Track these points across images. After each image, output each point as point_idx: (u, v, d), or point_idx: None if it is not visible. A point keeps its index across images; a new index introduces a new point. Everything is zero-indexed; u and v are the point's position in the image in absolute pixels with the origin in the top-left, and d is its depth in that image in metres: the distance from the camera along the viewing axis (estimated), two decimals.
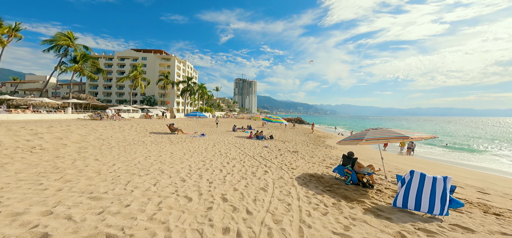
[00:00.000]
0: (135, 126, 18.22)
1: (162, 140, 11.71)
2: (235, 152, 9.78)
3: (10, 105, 27.29)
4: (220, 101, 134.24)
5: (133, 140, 10.72)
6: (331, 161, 9.79)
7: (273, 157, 9.29)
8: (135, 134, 13.14)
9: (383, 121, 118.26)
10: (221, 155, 8.59)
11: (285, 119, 39.48)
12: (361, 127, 65.25)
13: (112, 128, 13.75)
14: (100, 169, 5.46)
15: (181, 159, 7.20)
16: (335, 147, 16.68)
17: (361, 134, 5.90)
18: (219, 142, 13.21)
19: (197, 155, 8.10)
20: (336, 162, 9.45)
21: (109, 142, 9.20)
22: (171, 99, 67.26)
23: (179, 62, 71.13)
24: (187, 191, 4.31)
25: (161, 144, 10.35)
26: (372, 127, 6.50)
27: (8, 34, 32.38)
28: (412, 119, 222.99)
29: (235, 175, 5.79)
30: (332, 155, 11.95)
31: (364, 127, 62.53)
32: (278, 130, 27.76)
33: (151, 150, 8.49)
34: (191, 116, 18.37)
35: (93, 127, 11.80)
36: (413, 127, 71.78)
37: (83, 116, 23.25)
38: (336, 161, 9.72)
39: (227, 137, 16.32)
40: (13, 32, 32.50)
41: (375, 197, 4.81)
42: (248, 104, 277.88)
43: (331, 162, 9.52)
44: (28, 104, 27.14)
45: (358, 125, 74.65)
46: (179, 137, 14.17)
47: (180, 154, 8.10)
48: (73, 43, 35.49)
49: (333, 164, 9.03)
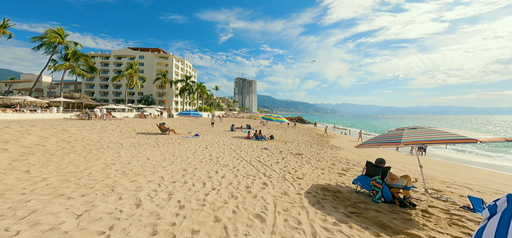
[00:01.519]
0: (123, 126, 16.70)
1: (146, 142, 10.18)
2: (229, 155, 8.24)
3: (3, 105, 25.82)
4: (220, 100, 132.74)
5: (110, 142, 9.19)
6: (342, 165, 8.25)
7: (274, 162, 7.76)
8: (117, 135, 11.61)
9: (386, 120, 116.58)
10: (211, 160, 7.06)
11: (286, 118, 37.87)
12: (367, 126, 63.70)
13: (93, 129, 12.23)
14: (12, 186, 3.86)
15: (155, 168, 5.65)
16: (341, 148, 15.12)
17: (393, 135, 4.35)
18: (213, 143, 11.69)
19: (180, 161, 6.56)
20: (348, 167, 7.92)
21: (74, 146, 7.65)
22: (169, 99, 65.72)
23: (177, 61, 69.60)
24: (131, 228, 2.70)
25: (142, 146, 8.82)
26: (407, 126, 4.95)
27: None
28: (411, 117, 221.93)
29: (223, 192, 4.24)
30: (341, 157, 10.42)
31: (368, 126, 60.85)
32: (279, 130, 26.22)
33: (123, 154, 6.95)
34: (184, 115, 16.83)
35: (66, 128, 10.25)
36: None
37: (69, 116, 21.76)
38: (348, 166, 8.19)
39: (224, 138, 14.80)
40: (1, 29, 31.01)
41: (428, 225, 3.27)
42: (248, 103, 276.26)
43: (342, 166, 7.98)
44: (15, 104, 25.68)
45: (366, 124, 72.88)
46: (169, 138, 12.64)
47: (158, 159, 6.58)
48: (64, 40, 33.96)
49: (345, 169, 7.49)
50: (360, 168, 7.96)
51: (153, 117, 34.70)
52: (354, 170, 7.56)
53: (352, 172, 7.19)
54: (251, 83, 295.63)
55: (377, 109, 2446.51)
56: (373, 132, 39.22)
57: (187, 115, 16.31)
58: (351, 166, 8.34)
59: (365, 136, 25.12)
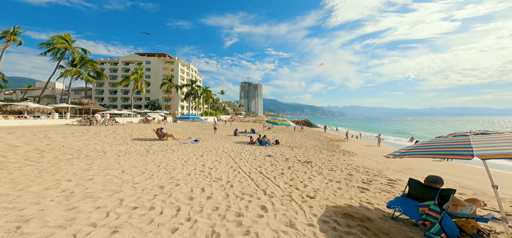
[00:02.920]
0: (120, 131, 15.97)
1: (135, 150, 9.17)
2: (225, 165, 7.02)
3: (7, 111, 26.16)
4: (225, 105, 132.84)
5: (93, 150, 8.23)
6: (361, 175, 6.82)
7: (278, 173, 6.46)
8: (108, 142, 10.72)
9: (398, 122, 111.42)
10: (201, 172, 5.87)
11: (293, 121, 36.24)
12: (383, 129, 60.77)
13: (84, 135, 11.44)
14: None
15: (122, 185, 4.40)
16: (354, 153, 13.54)
17: (452, 143, 2.93)
18: (212, 150, 10.54)
19: (163, 174, 5.40)
20: (369, 178, 6.48)
21: (44, 156, 6.49)
22: (175, 103, 65.90)
23: (183, 65, 70.06)
24: None
25: (126, 155, 7.77)
26: (473, 131, 3.54)
27: (7, 38, 31.77)
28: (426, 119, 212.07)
29: (201, 225, 2.98)
30: (356, 165, 8.95)
31: (385, 129, 57.82)
32: (285, 133, 24.81)
33: (96, 166, 5.76)
34: (184, 119, 15.87)
35: (49, 135, 9.36)
36: (426, 127, 66.08)
37: (71, 121, 21.48)
38: (368, 176, 6.74)
39: (225, 143, 13.65)
40: (12, 36, 31.88)
41: None
42: (254, 107, 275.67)
43: (362, 177, 6.56)
44: (23, 110, 25.92)
45: (380, 127, 69.49)
46: (165, 145, 11.64)
47: (136, 172, 5.44)
48: (70, 46, 34.47)
49: (367, 182, 6.08)
50: (384, 179, 6.50)
51: (157, 122, 34.26)
52: (377, 182, 6.12)
53: (376, 185, 5.77)
54: (257, 87, 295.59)
55: (387, 112, 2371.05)
56: (392, 135, 36.35)
57: (187, 119, 15.33)
58: (372, 176, 6.89)
59: (387, 140, 23.05)
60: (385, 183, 6.12)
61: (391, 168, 9.01)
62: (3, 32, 31.37)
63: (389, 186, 5.82)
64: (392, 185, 5.85)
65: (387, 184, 5.98)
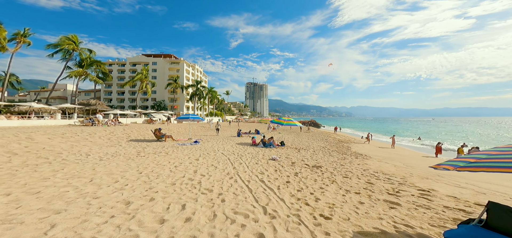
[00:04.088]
0: (119, 132, 15.40)
1: (124, 153, 8.36)
2: (221, 172, 6.04)
3: (12, 111, 26.53)
4: (231, 105, 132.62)
5: (77, 152, 7.45)
6: (383, 183, 5.66)
7: (282, 181, 5.42)
8: (99, 143, 10.03)
9: (412, 123, 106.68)
10: (190, 181, 4.92)
11: (299, 122, 34.87)
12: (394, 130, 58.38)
13: (77, 135, 10.84)
14: None
15: (73, 201, 3.31)
16: (368, 155, 12.22)
17: None
18: (210, 152, 9.62)
19: (140, 184, 4.39)
20: (394, 187, 5.31)
21: (12, 159, 5.76)
22: (181, 104, 65.97)
23: (188, 66, 70.14)
24: None
25: (110, 159, 6.93)
26: None
27: (18, 40, 32.42)
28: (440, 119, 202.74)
29: None
30: (374, 169, 7.75)
31: (393, 129, 55.37)
32: (291, 134, 23.62)
33: (63, 174, 4.74)
34: (184, 119, 15.10)
35: (32, 136, 8.70)
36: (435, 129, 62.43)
37: (73, 122, 21.30)
38: (392, 184, 5.57)
39: (226, 144, 12.71)
40: (22, 38, 32.50)
41: None
42: (259, 108, 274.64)
43: (385, 186, 5.41)
44: (30, 111, 26.17)
45: (393, 128, 66.48)
46: (161, 146, 10.84)
47: (109, 181, 4.45)
48: (78, 47, 34.84)
49: (392, 192, 4.93)
50: (413, 189, 5.31)
51: (161, 122, 33.94)
52: (406, 193, 4.96)
53: (407, 198, 4.63)
54: (262, 87, 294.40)
55: (397, 112, 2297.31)
56: (409, 136, 33.74)
57: (187, 119, 14.54)
58: (398, 185, 5.71)
59: (403, 142, 21.12)
60: (417, 194, 4.94)
61: (415, 174, 7.73)
62: (13, 34, 32.02)
63: (424, 198, 4.64)
64: (428, 198, 4.67)
65: (420, 196, 4.80)
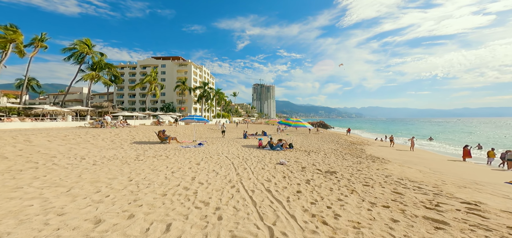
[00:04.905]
0: (125, 134, 15.26)
1: (124, 155, 7.93)
2: (222, 179, 5.37)
3: (27, 113, 27.62)
4: (238, 107, 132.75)
5: (72, 156, 7.08)
6: (414, 193, 4.76)
7: (292, 191, 4.66)
8: (100, 146, 9.73)
9: (430, 124, 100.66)
10: (185, 191, 4.29)
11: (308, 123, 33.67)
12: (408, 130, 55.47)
13: (79, 137, 10.65)
14: None
15: (26, 221, 2.77)
16: (386, 159, 11.09)
17: None
18: (213, 155, 9.01)
19: (126, 194, 3.77)
20: (429, 199, 4.41)
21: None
22: (189, 106, 66.61)
23: (196, 68, 70.83)
24: None
25: (108, 162, 6.49)
26: None
27: (35, 45, 33.85)
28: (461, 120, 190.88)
29: None
30: (397, 176, 6.79)
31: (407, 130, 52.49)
32: (299, 136, 22.63)
33: (49, 178, 4.35)
34: (188, 120, 14.66)
35: (30, 139, 8.57)
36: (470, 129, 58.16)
37: (84, 124, 21.65)
38: (425, 194, 4.67)
39: (231, 147, 12.08)
40: (39, 43, 33.91)
41: None
42: (266, 109, 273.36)
43: (418, 197, 4.50)
44: (45, 113, 27.09)
45: (411, 129, 62.90)
46: (163, 149, 10.39)
47: (89, 190, 3.89)
48: (91, 50, 35.91)
49: (430, 206, 4.06)
50: (455, 201, 4.40)
51: (169, 124, 34.12)
52: (447, 206, 4.04)
53: (452, 214, 3.72)
54: (269, 89, 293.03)
55: (411, 113, 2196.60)
56: (432, 140, 30.85)
57: (191, 120, 14.09)
58: (433, 195, 4.78)
59: (422, 144, 19.39)
60: (463, 208, 3.99)
61: (448, 181, 6.67)
62: (32, 39, 33.44)
63: (475, 215, 3.70)
64: (480, 214, 3.71)
65: (468, 211, 3.86)
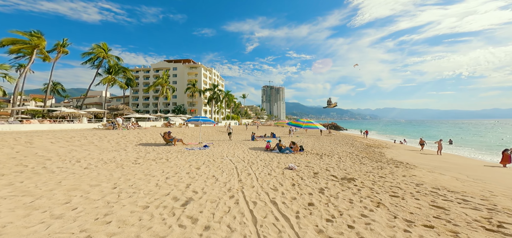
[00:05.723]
0: (132, 136, 15.22)
1: (124, 158, 7.54)
2: (221, 186, 4.67)
3: (47, 116, 29.18)
4: (247, 109, 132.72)
5: (68, 159, 6.73)
6: (461, 208, 3.77)
7: (303, 203, 3.83)
8: (106, 147, 9.52)
9: (460, 126, 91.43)
10: (174, 202, 3.63)
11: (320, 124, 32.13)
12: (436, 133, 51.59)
13: (86, 139, 10.56)
14: None
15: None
16: (412, 164, 9.76)
17: None
18: (217, 158, 8.38)
19: (92, 210, 3.12)
20: (481, 215, 3.32)
21: None
22: (199, 108, 67.50)
23: (206, 70, 71.74)
24: None
25: (103, 165, 6.03)
26: None
27: (58, 50, 35.85)
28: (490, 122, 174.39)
29: None
30: (431, 184, 5.71)
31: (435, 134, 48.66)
32: (310, 138, 21.45)
33: (19, 187, 3.93)
34: (193, 122, 14.26)
35: (30, 140, 8.38)
36: None
37: (97, 125, 22.29)
38: (477, 210, 3.58)
39: (237, 150, 11.41)
40: (61, 48, 35.91)
41: None
42: (276, 111, 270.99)
43: (470, 214, 3.45)
44: (65, 115, 28.45)
45: (439, 132, 56.17)
46: (166, 151, 9.98)
47: (59, 200, 3.32)
48: (107, 55, 37.42)
49: (492, 227, 2.97)
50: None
51: (179, 126, 34.46)
52: None
53: None
54: (279, 90, 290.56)
55: (433, 114, 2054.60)
56: (465, 143, 26.37)
57: (196, 121, 13.67)
58: (485, 211, 3.72)
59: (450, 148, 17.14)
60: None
61: (497, 191, 5.43)
62: (54, 45, 35.46)
63: None
64: None
65: None
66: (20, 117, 25.10)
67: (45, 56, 31.36)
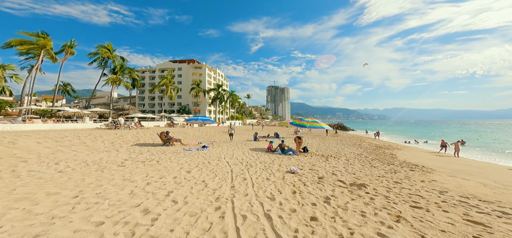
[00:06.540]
0: (130, 136, 14.86)
1: (111, 160, 7.04)
2: (209, 196, 4.02)
3: (54, 116, 29.59)
4: (252, 109, 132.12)
5: (48, 161, 6.25)
6: (502, 223, 2.85)
7: (303, 218, 3.12)
8: (98, 147, 9.11)
9: (478, 127, 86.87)
10: (144, 215, 3.01)
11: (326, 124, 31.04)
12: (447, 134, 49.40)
13: (78, 139, 10.20)
14: None
15: None
16: (428, 167, 8.79)
17: None
18: (213, 160, 7.77)
19: (19, 230, 2.63)
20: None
21: None
22: (203, 108, 67.48)
23: (210, 70, 71.69)
24: None
25: (81, 169, 5.57)
26: None
27: (65, 51, 36.43)
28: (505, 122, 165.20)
29: None
30: (457, 191, 4.85)
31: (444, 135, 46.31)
32: (315, 139, 20.53)
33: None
34: (192, 121, 13.74)
35: (13, 140, 8.04)
36: None
37: (99, 125, 22.23)
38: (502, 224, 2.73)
39: (237, 151, 10.77)
40: (69, 49, 36.45)
41: None
42: (281, 111, 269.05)
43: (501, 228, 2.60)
44: (69, 115, 28.73)
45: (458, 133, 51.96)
46: (160, 152, 9.46)
47: (16, 206, 2.90)
48: (112, 55, 37.75)
49: None
50: None
51: (182, 126, 34.25)
52: None
53: None
54: (284, 90, 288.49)
55: (444, 114, 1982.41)
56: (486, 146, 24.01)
57: (195, 121, 13.13)
58: None
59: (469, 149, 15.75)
60: None
61: None
62: (62, 46, 36.00)
63: None
64: None
65: None
66: (27, 117, 25.45)
67: (52, 56, 31.79)
